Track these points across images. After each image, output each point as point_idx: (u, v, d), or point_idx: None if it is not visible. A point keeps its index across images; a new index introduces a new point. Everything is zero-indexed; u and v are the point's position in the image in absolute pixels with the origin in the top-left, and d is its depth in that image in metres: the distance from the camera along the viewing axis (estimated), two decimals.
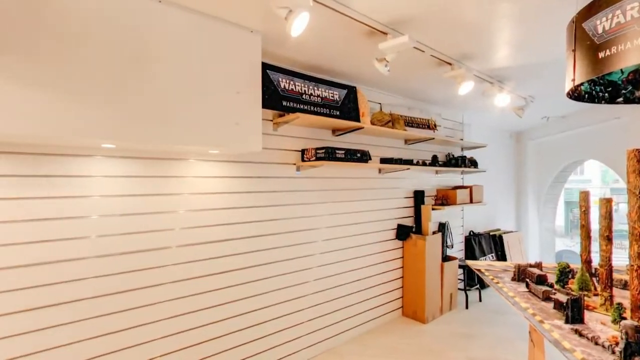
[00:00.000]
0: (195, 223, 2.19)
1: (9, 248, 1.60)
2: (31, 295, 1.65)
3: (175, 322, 2.11)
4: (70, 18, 1.43)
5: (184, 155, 2.15)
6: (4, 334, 1.58)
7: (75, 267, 1.77)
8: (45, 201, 1.69)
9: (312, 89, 2.74)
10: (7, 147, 1.59)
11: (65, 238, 1.74)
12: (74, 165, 1.77)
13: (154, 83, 1.66)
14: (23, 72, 1.33)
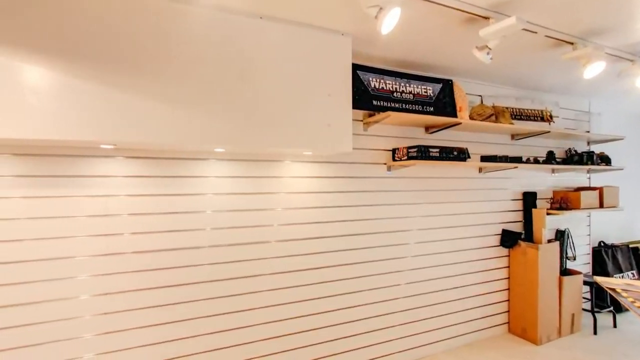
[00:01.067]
0: (291, 220, 2.34)
1: (149, 235, 1.96)
2: (160, 276, 1.99)
3: (269, 312, 2.28)
4: (189, 43, 1.69)
5: (281, 157, 2.32)
6: (136, 306, 1.95)
7: (194, 254, 2.07)
8: (174, 197, 2.02)
9: (404, 86, 2.66)
10: (142, 152, 1.96)
11: (187, 229, 2.05)
12: (193, 167, 2.07)
13: (258, 93, 1.83)
14: (155, 91, 1.62)
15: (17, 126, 1.40)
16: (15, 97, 1.39)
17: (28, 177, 1.72)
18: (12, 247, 1.69)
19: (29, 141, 1.51)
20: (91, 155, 1.84)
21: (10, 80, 1.39)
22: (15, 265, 1.70)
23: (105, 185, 1.87)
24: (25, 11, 1.41)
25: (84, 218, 1.82)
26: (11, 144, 1.66)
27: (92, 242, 1.84)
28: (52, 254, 1.76)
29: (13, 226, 1.69)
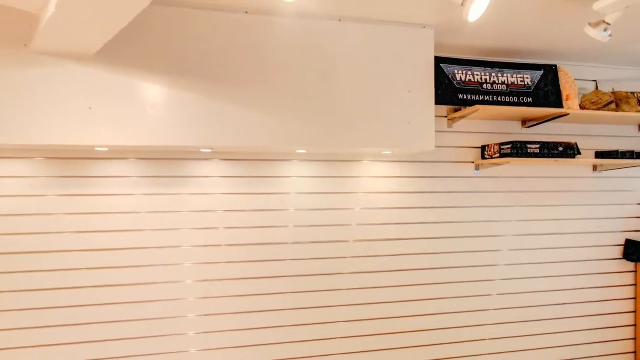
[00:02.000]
0: (370, 220, 2.33)
1: (240, 230, 2.16)
2: (249, 268, 2.17)
3: (347, 310, 2.30)
4: (275, 52, 1.81)
5: (360, 157, 2.32)
6: (229, 293, 2.16)
7: (279, 250, 2.21)
8: (262, 196, 2.19)
9: (495, 77, 2.42)
10: (234, 155, 2.16)
11: (273, 226, 2.20)
12: (278, 168, 2.21)
13: (337, 94, 1.88)
14: (246, 98, 1.77)
15: (140, 135, 1.68)
16: (139, 111, 1.68)
17: (147, 178, 2.05)
18: (135, 235, 2.04)
19: (148, 147, 1.80)
20: (193, 158, 2.11)
21: (136, 97, 1.68)
22: (137, 251, 2.04)
23: (204, 185, 2.12)
24: (145, 39, 1.68)
25: (187, 213, 2.09)
26: (135, 150, 2.00)
27: (194, 234, 2.10)
28: (165, 243, 2.07)
29: (136, 218, 2.04)
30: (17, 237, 1.92)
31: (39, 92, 1.60)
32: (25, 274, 1.92)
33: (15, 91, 1.58)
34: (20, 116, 1.58)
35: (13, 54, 1.58)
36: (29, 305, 1.93)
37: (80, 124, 1.63)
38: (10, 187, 1.91)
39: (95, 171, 2.00)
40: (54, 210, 1.96)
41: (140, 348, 2.04)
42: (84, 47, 1.56)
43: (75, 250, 1.98)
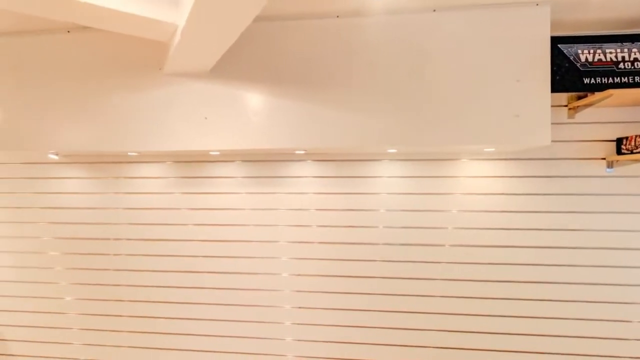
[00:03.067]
0: (468, 224, 2.14)
1: (331, 229, 2.23)
2: (339, 266, 2.22)
3: (437, 319, 2.15)
4: (365, 52, 1.81)
5: (456, 156, 2.15)
6: (320, 289, 2.23)
7: (369, 250, 2.20)
8: (352, 196, 2.21)
9: (636, 53, 1.96)
10: (326, 156, 2.23)
11: (363, 226, 2.21)
12: (368, 168, 2.21)
13: (432, 89, 1.78)
14: (337, 100, 1.82)
15: (245, 139, 1.88)
16: (243, 118, 1.88)
17: (250, 178, 2.28)
18: (239, 229, 2.29)
19: (250, 150, 2.00)
20: (288, 159, 2.26)
21: (241, 105, 1.88)
22: (240, 244, 2.29)
23: (298, 184, 2.25)
24: (246, 53, 1.87)
25: (284, 211, 2.25)
26: (241, 153, 2.24)
27: (290, 230, 2.25)
28: (265, 238, 2.26)
29: (240, 214, 2.28)
30: (154, 227, 2.35)
31: (169, 107, 1.92)
32: (156, 258, 2.34)
33: (152, 108, 1.93)
34: (156, 128, 1.93)
35: (151, 77, 1.94)
36: (154, 283, 2.34)
37: (198, 132, 1.90)
38: (148, 186, 2.36)
39: (209, 172, 2.32)
40: (179, 205, 2.33)
41: (241, 330, 2.29)
42: (201, 66, 1.82)
43: (195, 240, 2.32)
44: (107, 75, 1.97)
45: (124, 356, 2.41)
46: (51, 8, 1.36)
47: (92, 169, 2.40)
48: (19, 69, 2.04)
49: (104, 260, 2.40)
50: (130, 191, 2.38)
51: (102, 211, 2.40)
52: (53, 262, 2.44)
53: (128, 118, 1.96)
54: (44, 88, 2.02)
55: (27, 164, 2.46)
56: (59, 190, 2.43)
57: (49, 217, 2.44)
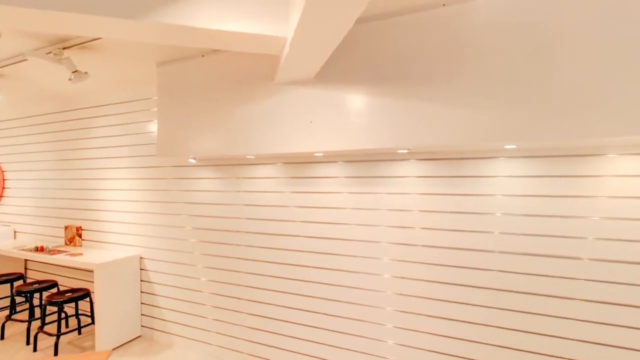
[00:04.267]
0: (617, 234, 1.73)
1: (437, 232, 2.10)
2: (445, 272, 2.06)
3: (570, 347, 1.78)
4: (471, 41, 1.64)
5: (599, 150, 1.76)
6: (424, 294, 2.10)
7: (480, 258, 1.99)
8: (461, 197, 2.04)
9: None
10: (430, 154, 2.11)
11: (474, 230, 2.01)
12: (480, 166, 2.00)
13: (554, 72, 1.51)
14: (440, 95, 1.70)
15: (347, 140, 1.93)
16: (345, 119, 1.93)
17: (352, 178, 2.33)
18: (341, 228, 2.35)
19: (352, 151, 2.04)
20: (390, 159, 2.22)
21: (343, 107, 1.94)
22: (343, 242, 2.35)
23: (400, 184, 2.19)
24: (347, 56, 1.91)
25: (385, 211, 2.22)
26: (343, 154, 2.31)
27: (391, 232, 2.21)
28: (366, 237, 2.28)
29: (343, 213, 2.35)
30: (268, 222, 2.62)
31: (279, 114, 2.11)
32: (269, 250, 2.60)
33: (266, 115, 2.16)
34: (269, 133, 2.15)
35: (265, 88, 2.16)
36: (267, 273, 2.59)
37: (304, 135, 2.04)
38: (263, 185, 2.64)
39: (314, 172, 2.46)
40: (288, 203, 2.54)
41: (343, 325, 2.34)
42: (307, 73, 1.95)
43: (302, 236, 2.49)
44: (231, 89, 2.29)
45: (244, 333, 2.75)
46: (194, 38, 1.66)
47: (220, 170, 2.83)
48: (173, 91, 2.54)
49: (229, 249, 2.78)
50: (249, 190, 2.70)
51: (227, 206, 2.79)
52: (192, 248, 2.96)
53: (246, 126, 2.23)
54: (186, 105, 2.47)
55: (175, 166, 3.04)
56: (196, 188, 2.94)
57: (189, 210, 2.97)
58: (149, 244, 3.19)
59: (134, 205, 3.28)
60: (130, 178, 3.30)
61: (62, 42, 2.17)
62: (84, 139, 3.62)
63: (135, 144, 3.26)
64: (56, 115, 3.85)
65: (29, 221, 4.11)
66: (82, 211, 3.64)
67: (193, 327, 2.96)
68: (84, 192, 3.63)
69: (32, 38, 2.12)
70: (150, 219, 3.18)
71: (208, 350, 2.89)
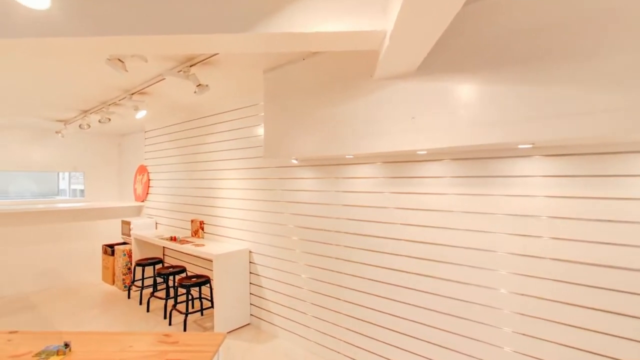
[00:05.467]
0: None
1: (572, 243, 1.72)
2: (582, 293, 1.67)
3: None
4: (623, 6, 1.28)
5: None
6: (551, 317, 1.73)
7: (632, 278, 1.55)
8: (606, 201, 1.64)
9: None
10: (560, 149, 1.73)
11: (620, 243, 1.58)
12: (631, 162, 1.56)
13: None
14: (574, 77, 1.37)
15: (455, 136, 1.73)
16: (451, 113, 1.74)
17: (460, 178, 2.09)
18: (447, 233, 2.13)
19: (461, 148, 1.83)
20: (507, 156, 1.91)
21: (449, 100, 1.75)
22: (448, 248, 2.12)
23: (522, 185, 1.87)
24: (453, 43, 1.71)
25: (502, 216, 1.93)
26: (449, 151, 2.10)
27: (510, 240, 1.90)
28: (477, 245, 2.02)
29: (449, 217, 2.13)
30: (366, 223, 2.56)
31: (379, 111, 2.03)
32: (366, 252, 2.53)
33: (365, 113, 2.10)
34: (368, 132, 2.08)
35: (364, 85, 2.11)
36: (363, 275, 2.52)
37: (406, 131, 1.91)
38: (361, 185, 2.59)
39: (416, 172, 2.29)
40: (387, 204, 2.44)
41: (445, 340, 2.12)
42: (408, 66, 1.82)
43: (401, 240, 2.36)
44: (330, 89, 2.31)
45: (342, 334, 2.74)
46: (294, 43, 1.71)
47: (320, 170, 2.89)
48: (277, 95, 2.70)
49: (328, 249, 2.82)
50: (347, 189, 2.69)
51: (326, 206, 2.83)
52: (294, 245, 3.10)
53: (345, 125, 2.21)
54: (289, 108, 2.59)
55: (279, 167, 3.24)
56: (298, 188, 3.07)
57: (291, 209, 3.12)
58: (257, 239, 3.47)
59: (244, 202, 3.61)
60: (241, 178, 3.65)
61: (189, 60, 2.51)
62: (205, 143, 4.16)
63: (246, 147, 3.59)
64: (185, 124, 4.52)
65: (166, 214, 4.93)
66: (204, 207, 4.19)
67: (295, 322, 3.10)
68: (205, 191, 4.17)
69: (168, 60, 2.50)
70: (258, 216, 3.45)
71: (308, 346, 2.98)
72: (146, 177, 5.37)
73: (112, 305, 4.10)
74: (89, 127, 4.40)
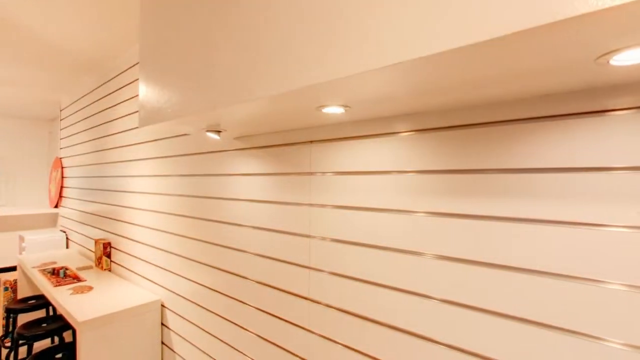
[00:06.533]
0: None
1: None
2: None
3: None
4: None
5: None
6: None
7: None
8: None
9: None
10: None
11: None
12: None
13: None
14: None
15: None
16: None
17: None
18: None
19: None
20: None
21: None
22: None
23: None
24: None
25: None
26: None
27: None
28: None
29: None
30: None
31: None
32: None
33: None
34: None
35: None
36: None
37: None
38: (370, 187, 1.06)
39: None
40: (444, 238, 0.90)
41: None
42: None
43: None
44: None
45: None
46: None
47: (275, 156, 1.35)
48: (156, 17, 1.16)
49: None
50: (340, 201, 1.16)
51: (290, 239, 1.30)
52: (231, 310, 1.56)
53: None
54: (168, 36, 1.05)
55: (204, 153, 1.70)
56: (234, 195, 1.53)
57: (224, 236, 1.58)
58: (173, 285, 1.92)
59: (155, 218, 2.06)
60: (153, 175, 2.11)
61: None
62: (112, 120, 2.62)
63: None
64: (96, 92, 2.98)
65: (77, 228, 3.38)
66: (112, 221, 2.64)
67: None
68: (114, 195, 2.62)
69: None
70: (173, 244, 1.91)
71: None
72: (60, 175, 3.82)
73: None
74: None
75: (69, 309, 1.82)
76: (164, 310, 1.98)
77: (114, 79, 2.62)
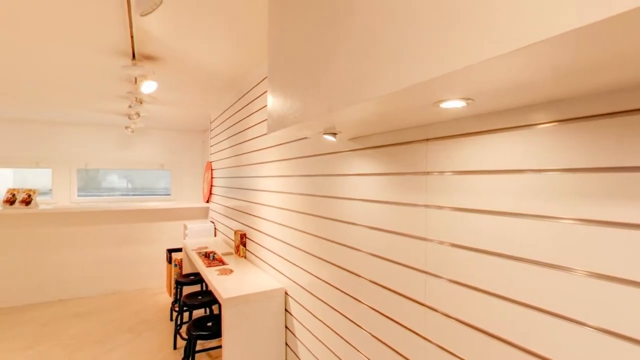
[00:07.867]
0: None
1: None
2: None
3: None
4: None
5: None
6: None
7: None
8: None
9: None
10: None
11: None
12: None
13: None
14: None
15: None
16: None
17: None
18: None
19: None
20: None
21: None
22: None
23: None
24: None
25: None
26: None
27: None
28: None
29: None
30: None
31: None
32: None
33: None
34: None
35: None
36: None
37: None
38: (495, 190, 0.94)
39: None
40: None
41: None
42: None
43: None
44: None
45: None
46: None
47: (389, 157, 1.33)
48: (284, 21, 1.28)
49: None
50: (463, 204, 1.08)
51: (406, 241, 1.27)
52: (341, 299, 1.62)
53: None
54: (294, 41, 1.14)
55: (320, 155, 1.80)
56: (348, 195, 1.58)
57: (336, 233, 1.65)
58: (295, 275, 2.11)
59: (280, 214, 2.30)
60: (278, 175, 2.35)
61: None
62: (248, 128, 3.03)
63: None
64: (235, 105, 3.51)
65: (222, 220, 4.05)
66: (247, 216, 3.07)
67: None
68: (249, 193, 3.04)
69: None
70: (297, 239, 2.09)
71: None
72: (210, 175, 4.65)
73: (149, 329, 3.36)
74: (138, 117, 3.82)
75: (216, 286, 2.20)
76: (287, 297, 2.19)
77: (247, 94, 3.04)
